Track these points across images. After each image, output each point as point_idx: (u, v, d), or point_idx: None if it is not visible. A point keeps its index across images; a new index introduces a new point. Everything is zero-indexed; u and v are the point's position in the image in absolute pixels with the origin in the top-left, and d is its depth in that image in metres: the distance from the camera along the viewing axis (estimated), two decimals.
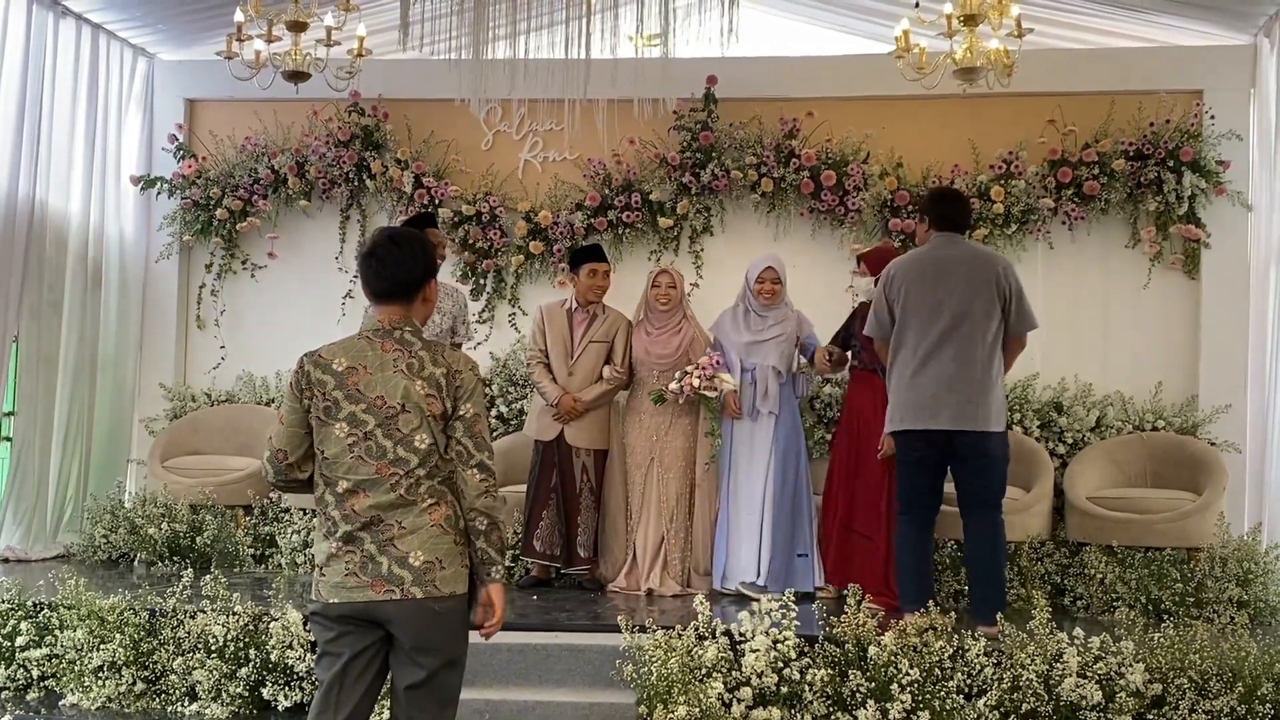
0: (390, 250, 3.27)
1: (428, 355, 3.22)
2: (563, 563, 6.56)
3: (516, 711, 4.79)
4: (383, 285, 3.27)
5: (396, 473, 3.15)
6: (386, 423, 3.15)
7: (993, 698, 4.78)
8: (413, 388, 3.17)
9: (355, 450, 3.16)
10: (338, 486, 3.17)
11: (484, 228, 7.93)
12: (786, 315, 6.52)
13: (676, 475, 6.49)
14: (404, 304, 3.28)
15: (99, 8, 7.62)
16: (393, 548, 3.13)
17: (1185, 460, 6.82)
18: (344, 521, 3.16)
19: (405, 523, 3.15)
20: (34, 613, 5.58)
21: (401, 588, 3.11)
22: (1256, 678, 4.73)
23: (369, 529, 3.14)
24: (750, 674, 4.86)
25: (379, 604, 3.12)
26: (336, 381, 3.19)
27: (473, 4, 5.81)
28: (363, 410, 3.16)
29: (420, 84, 7.82)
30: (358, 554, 3.14)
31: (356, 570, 3.13)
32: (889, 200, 7.56)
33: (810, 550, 6.34)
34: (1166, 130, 7.37)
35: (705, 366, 6.34)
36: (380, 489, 3.14)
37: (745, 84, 7.72)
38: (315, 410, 3.20)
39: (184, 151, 8.27)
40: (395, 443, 3.15)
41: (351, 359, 3.21)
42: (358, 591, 3.13)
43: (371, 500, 3.14)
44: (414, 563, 3.12)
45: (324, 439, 3.19)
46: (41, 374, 7.41)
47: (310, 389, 3.21)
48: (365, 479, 3.15)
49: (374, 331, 3.26)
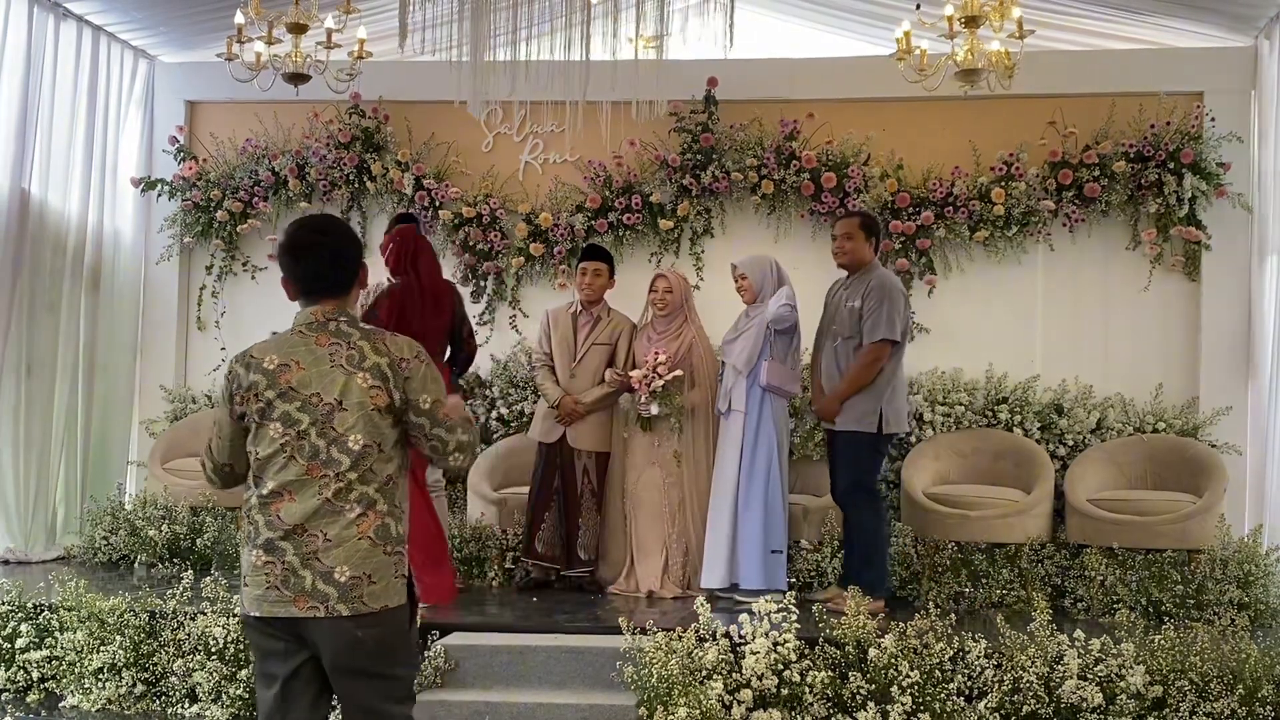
0: (324, 242, 3.09)
1: (368, 345, 3.02)
2: (563, 564, 6.56)
3: (517, 713, 4.79)
4: (313, 283, 3.07)
5: (326, 474, 2.96)
6: (321, 421, 2.97)
7: (993, 700, 4.77)
8: (353, 381, 2.98)
9: (287, 450, 2.98)
10: (264, 489, 2.99)
11: (484, 230, 7.94)
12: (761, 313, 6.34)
13: (677, 478, 6.47)
14: (339, 296, 3.09)
15: (100, 10, 7.63)
16: (317, 561, 2.93)
17: (1186, 462, 6.82)
18: (266, 528, 2.97)
19: (330, 534, 2.94)
20: (34, 614, 5.59)
21: (326, 604, 2.92)
22: (1257, 680, 4.73)
23: (291, 538, 2.95)
24: (750, 676, 4.86)
25: (303, 621, 2.93)
26: (269, 381, 3.00)
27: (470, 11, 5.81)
28: (297, 409, 2.98)
29: (421, 86, 7.82)
30: (278, 565, 2.95)
31: (278, 584, 2.94)
32: (889, 202, 7.56)
33: (784, 547, 6.23)
34: (1167, 132, 7.37)
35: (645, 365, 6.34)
36: (307, 492, 2.95)
37: (746, 86, 7.72)
38: (250, 414, 3.03)
39: (184, 153, 8.27)
40: (329, 442, 2.97)
41: (284, 355, 3.02)
42: (279, 606, 2.94)
43: (298, 505, 2.95)
44: (339, 578, 2.92)
45: (258, 441, 3.02)
46: (41, 376, 7.41)
47: (242, 392, 3.03)
48: (293, 480, 2.96)
49: (307, 325, 3.07)
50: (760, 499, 6.20)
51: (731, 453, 6.29)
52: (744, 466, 6.24)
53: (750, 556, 6.18)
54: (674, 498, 6.45)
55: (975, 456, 7.11)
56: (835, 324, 6.14)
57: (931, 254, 7.64)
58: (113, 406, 8.10)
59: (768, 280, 6.38)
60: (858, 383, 5.93)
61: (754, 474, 6.23)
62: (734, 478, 6.26)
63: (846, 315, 6.06)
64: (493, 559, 6.74)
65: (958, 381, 7.45)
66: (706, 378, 6.52)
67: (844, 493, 6.06)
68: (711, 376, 6.55)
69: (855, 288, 6.09)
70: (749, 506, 6.21)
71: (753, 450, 6.24)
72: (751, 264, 6.44)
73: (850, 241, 6.12)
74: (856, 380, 5.94)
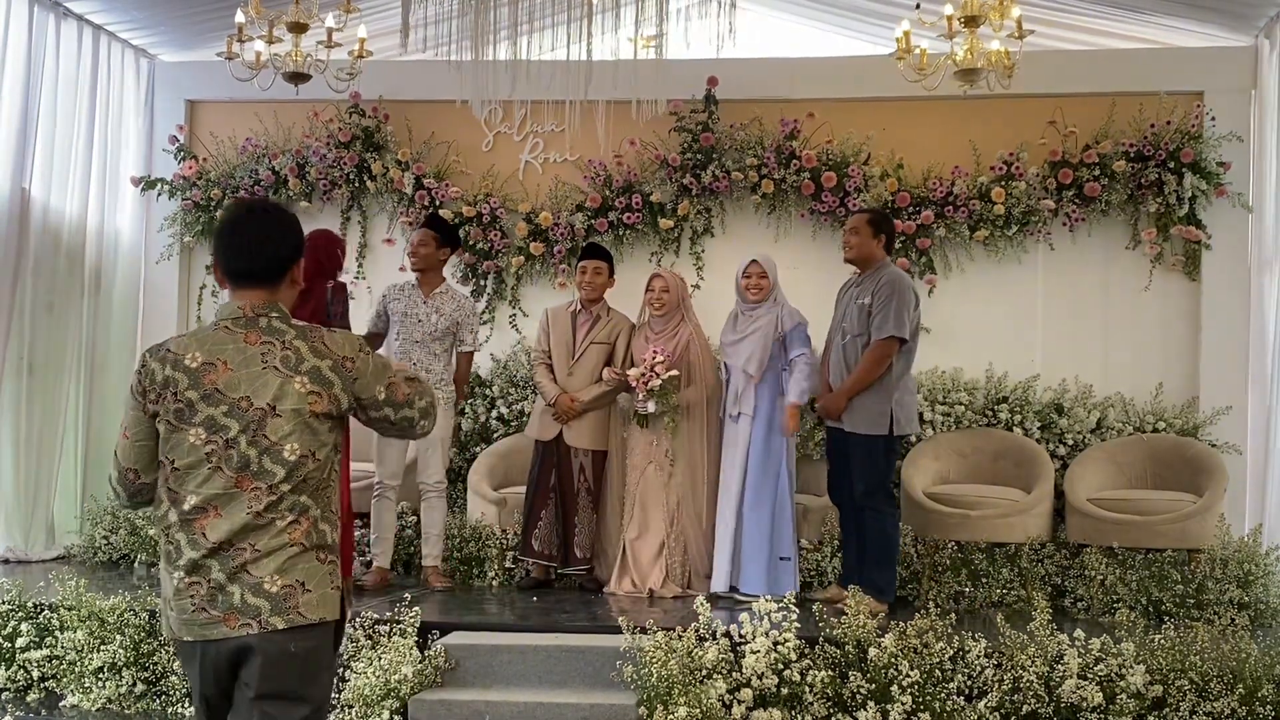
0: (250, 222, 2.85)
1: (305, 345, 2.75)
2: (560, 563, 6.56)
3: (516, 713, 4.78)
4: (242, 264, 2.80)
5: (258, 487, 2.68)
6: (252, 427, 2.68)
7: (993, 699, 4.77)
8: (290, 385, 2.71)
9: (212, 460, 2.69)
10: (184, 504, 2.70)
11: (484, 229, 7.94)
12: (770, 313, 6.34)
13: (675, 477, 6.47)
14: (269, 287, 2.80)
15: (100, 9, 7.63)
16: (245, 574, 2.67)
17: (1186, 462, 6.82)
18: (190, 547, 2.69)
19: (260, 545, 2.68)
20: (34, 614, 5.59)
21: (259, 619, 2.65)
22: (1257, 679, 4.73)
23: (217, 554, 2.68)
24: (750, 675, 4.86)
25: (234, 640, 2.67)
26: (190, 380, 2.71)
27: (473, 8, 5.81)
28: (224, 414, 2.69)
29: (421, 85, 7.83)
30: (204, 585, 2.68)
31: (204, 604, 2.68)
32: (890, 202, 7.56)
33: (793, 554, 6.22)
34: (1167, 132, 7.37)
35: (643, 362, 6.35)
36: (236, 506, 2.68)
37: (746, 85, 7.72)
38: (164, 415, 2.73)
39: (184, 153, 8.27)
40: (260, 451, 2.69)
41: (208, 353, 2.73)
42: (209, 628, 2.68)
43: (225, 520, 2.67)
44: (270, 589, 2.67)
45: (174, 447, 2.72)
46: (42, 375, 7.41)
47: (155, 389, 2.73)
48: (219, 494, 2.68)
49: (234, 320, 2.78)
50: (769, 504, 6.21)
51: (738, 457, 6.29)
52: (751, 471, 6.25)
53: (754, 561, 6.18)
54: (672, 496, 6.45)
55: (975, 456, 7.11)
56: (845, 321, 6.14)
57: (932, 253, 7.64)
58: (113, 406, 8.09)
59: (777, 280, 6.45)
60: (865, 380, 5.94)
61: (764, 478, 6.24)
62: (739, 481, 6.27)
63: (856, 312, 6.06)
64: (493, 558, 6.74)
65: (958, 381, 7.45)
66: (703, 376, 6.53)
67: (863, 496, 5.99)
68: (708, 375, 6.55)
69: (865, 285, 6.09)
70: (756, 511, 6.22)
71: (763, 454, 6.24)
72: (769, 264, 6.46)
73: (856, 236, 6.14)
74: (864, 378, 5.94)
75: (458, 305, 6.66)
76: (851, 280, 6.30)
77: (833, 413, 6.05)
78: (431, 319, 6.55)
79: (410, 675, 4.80)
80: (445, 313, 6.57)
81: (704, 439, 6.50)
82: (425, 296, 6.62)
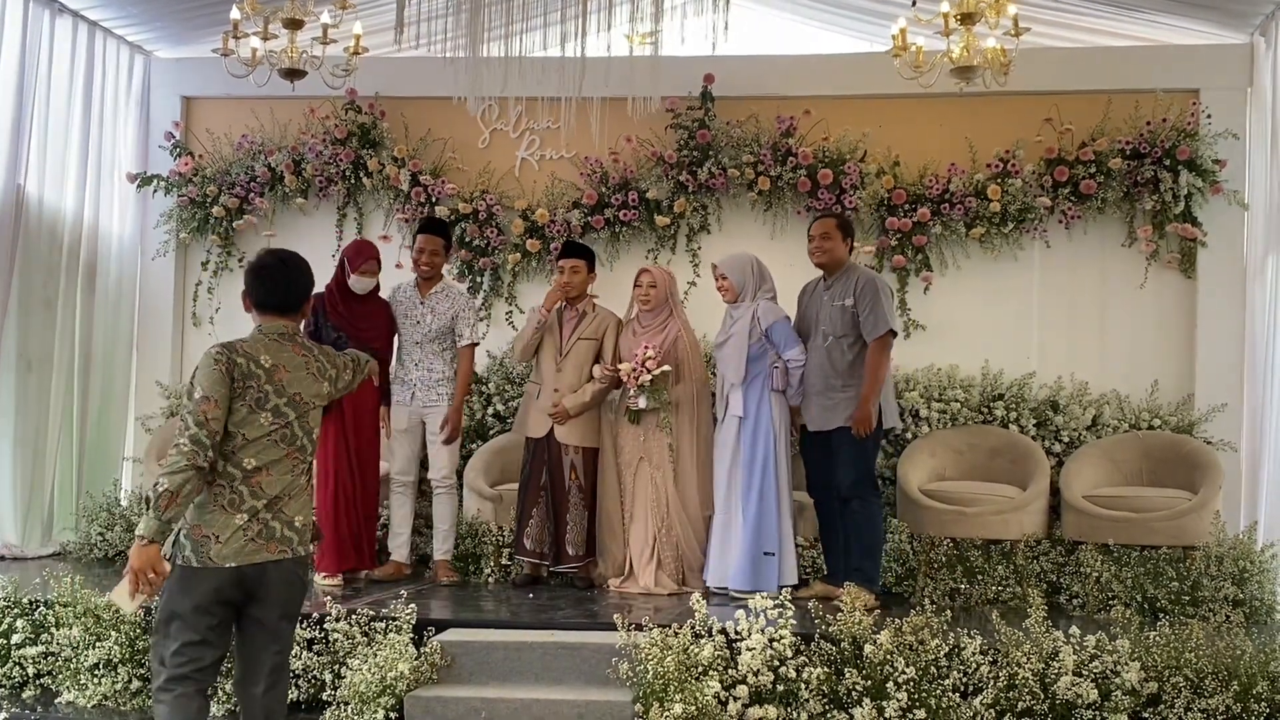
0: (282, 270, 3.80)
1: (325, 360, 3.83)
2: (552, 560, 6.56)
3: (512, 710, 4.79)
4: (278, 299, 3.77)
5: (299, 457, 3.72)
6: (301, 415, 3.71)
7: (989, 696, 4.78)
8: (322, 387, 3.78)
9: (274, 437, 3.65)
10: (245, 464, 3.61)
11: (481, 226, 7.94)
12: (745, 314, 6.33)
13: (666, 473, 6.47)
14: (295, 316, 3.82)
15: (95, 5, 7.61)
16: (283, 514, 3.67)
17: (1181, 459, 6.83)
18: (251, 497, 3.62)
19: (291, 493, 3.70)
20: (30, 610, 5.58)
21: (290, 546, 3.67)
22: (1252, 676, 4.74)
23: (271, 506, 3.64)
24: (746, 672, 4.86)
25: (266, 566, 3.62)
26: (266, 376, 3.65)
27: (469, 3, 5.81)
28: (285, 404, 3.67)
29: (417, 82, 7.82)
30: (256, 524, 3.62)
31: (255, 537, 3.61)
32: (886, 199, 7.56)
33: (778, 549, 6.19)
34: (1163, 129, 7.37)
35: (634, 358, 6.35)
36: (283, 468, 3.67)
37: (742, 82, 7.72)
38: (247, 399, 3.61)
39: (180, 149, 8.26)
40: (304, 433, 3.74)
41: (274, 358, 3.69)
42: (255, 554, 3.61)
43: (276, 479, 3.65)
44: (298, 524, 3.70)
45: (246, 424, 3.61)
46: (36, 371, 7.40)
47: (243, 379, 3.61)
48: (275, 460, 3.65)
49: (280, 335, 3.75)
50: (755, 502, 6.20)
51: (726, 456, 6.30)
52: (741, 469, 6.25)
53: (740, 558, 6.19)
54: (661, 493, 6.45)
55: (971, 453, 7.12)
56: (824, 324, 6.23)
57: (928, 251, 7.65)
58: (108, 402, 8.09)
59: (748, 280, 6.39)
60: (880, 379, 6.09)
61: (750, 477, 6.23)
62: (725, 481, 6.29)
63: (838, 314, 6.17)
64: (489, 555, 6.74)
65: (954, 378, 7.46)
66: (692, 372, 6.52)
67: (851, 488, 6.12)
68: (698, 370, 6.54)
69: (841, 287, 6.22)
70: (742, 510, 6.23)
71: (750, 453, 6.24)
72: (731, 264, 6.45)
73: (829, 241, 6.28)
74: (879, 377, 6.08)
75: (453, 302, 6.69)
76: (816, 285, 6.41)
77: (867, 423, 6.07)
78: (427, 319, 6.63)
79: (406, 672, 4.81)
80: (440, 312, 6.61)
81: (694, 435, 6.49)
82: (423, 297, 6.68)
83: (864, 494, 6.13)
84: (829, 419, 6.16)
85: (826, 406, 6.18)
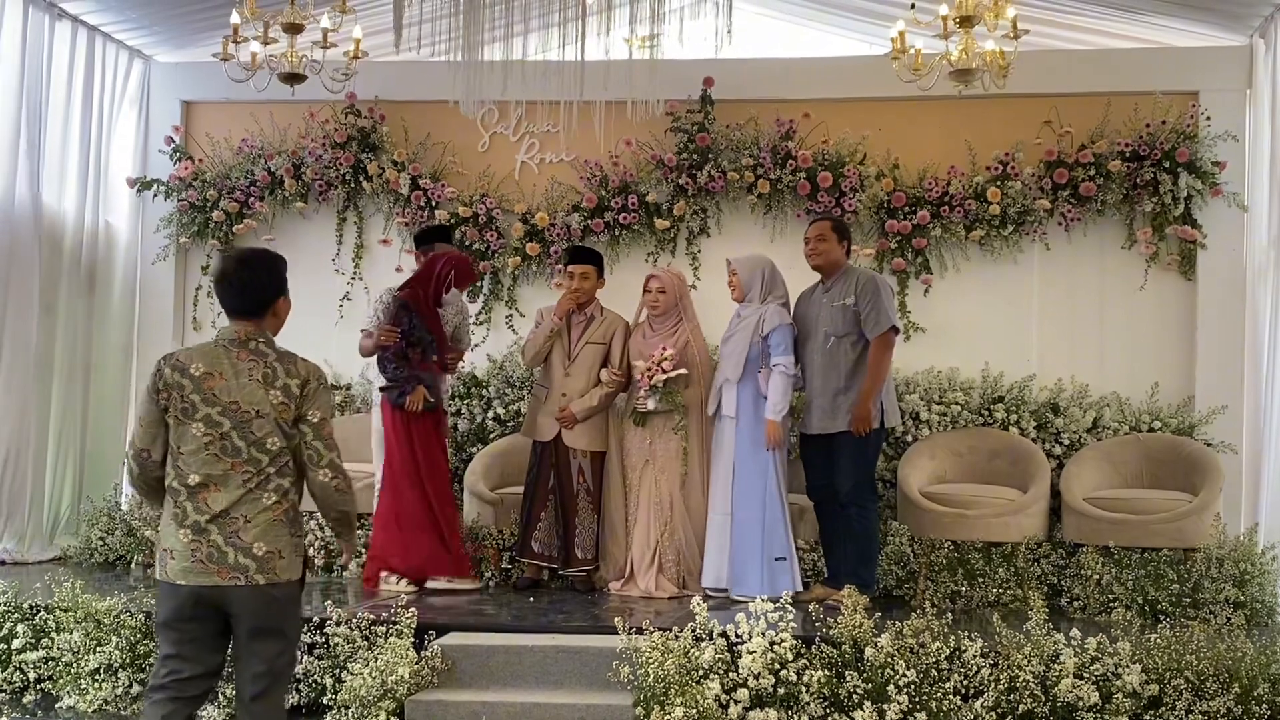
0: (240, 272, 3.62)
1: (281, 366, 3.56)
2: (560, 564, 6.56)
3: (513, 713, 4.79)
4: (234, 303, 3.61)
5: (249, 470, 3.50)
6: (241, 426, 3.50)
7: (990, 699, 4.78)
8: (267, 396, 3.51)
9: (210, 448, 3.48)
10: (189, 480, 3.49)
11: (481, 229, 7.94)
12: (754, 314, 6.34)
13: (670, 477, 6.46)
14: (256, 319, 3.61)
15: (95, 10, 7.62)
16: (237, 539, 3.48)
17: (1181, 461, 6.83)
18: (195, 513, 3.49)
19: (250, 517, 3.50)
20: (30, 615, 5.58)
21: (246, 575, 3.48)
22: (1253, 678, 4.73)
23: (216, 522, 3.48)
24: (747, 675, 4.85)
25: (224, 589, 3.47)
26: (194, 385, 3.51)
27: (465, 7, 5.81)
28: (218, 413, 3.50)
29: (416, 86, 7.83)
30: (204, 544, 3.47)
31: (204, 559, 3.47)
32: (885, 202, 7.57)
33: (789, 554, 6.19)
34: (1162, 131, 7.37)
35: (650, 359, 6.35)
36: (231, 483, 3.49)
37: (742, 85, 7.73)
38: (173, 410, 3.51)
39: (180, 153, 8.27)
40: (249, 444, 3.50)
41: (208, 365, 3.53)
42: (204, 577, 3.47)
43: (223, 494, 3.48)
44: (257, 553, 3.48)
45: (181, 437, 3.50)
46: (37, 376, 7.40)
47: (167, 390, 3.52)
48: (216, 474, 3.49)
49: (230, 341, 3.58)
50: (758, 508, 6.19)
51: (724, 458, 6.30)
52: (739, 473, 6.24)
53: (748, 565, 6.18)
54: (665, 496, 6.45)
55: (971, 456, 7.11)
56: (825, 325, 6.25)
57: (927, 253, 7.65)
58: (109, 407, 8.09)
59: (756, 281, 6.40)
60: (882, 377, 6.12)
61: (752, 480, 6.22)
62: (727, 483, 6.27)
63: (839, 314, 6.19)
64: (490, 559, 6.74)
65: (954, 381, 7.46)
66: (702, 377, 6.52)
67: (851, 492, 6.13)
68: (707, 375, 6.55)
69: (840, 288, 6.25)
70: (745, 513, 6.21)
71: (750, 456, 6.23)
72: (744, 262, 6.47)
73: (824, 243, 6.31)
74: (880, 375, 6.11)
75: (457, 310, 6.74)
76: (814, 289, 6.42)
77: (867, 421, 6.08)
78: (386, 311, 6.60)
79: (407, 676, 4.80)
80: (446, 319, 6.64)
81: (700, 439, 6.49)
82: None
83: (862, 500, 6.14)
84: (831, 423, 6.16)
85: (828, 410, 6.18)
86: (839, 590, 5.94)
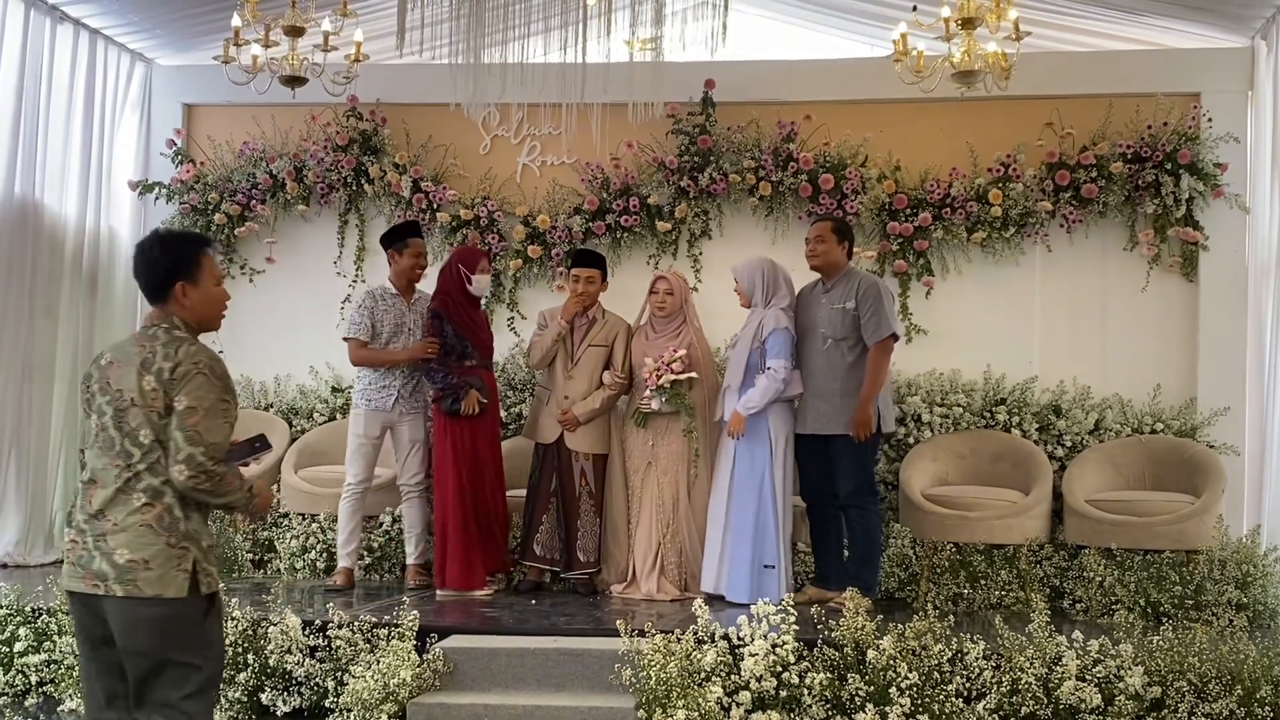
0: (135, 255, 3.36)
1: (163, 350, 3.20)
2: (563, 567, 6.56)
3: (515, 716, 4.79)
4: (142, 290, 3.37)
5: (120, 465, 3.17)
6: (118, 415, 3.19)
7: (992, 701, 4.78)
8: (141, 383, 3.17)
9: (99, 440, 3.23)
10: (83, 475, 3.26)
11: (482, 232, 7.94)
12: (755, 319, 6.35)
13: (672, 479, 6.47)
14: (160, 304, 3.32)
15: (97, 13, 7.62)
16: (104, 543, 3.15)
17: (1184, 463, 6.82)
18: (80, 510, 3.24)
19: (117, 519, 3.15)
20: (33, 618, 5.59)
21: (104, 584, 3.13)
22: (1256, 680, 4.74)
23: (93, 521, 3.18)
24: (749, 678, 4.86)
25: (96, 599, 3.15)
26: (99, 375, 3.27)
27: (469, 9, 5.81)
28: (106, 402, 3.22)
29: (418, 88, 7.83)
30: (80, 545, 3.20)
31: (76, 561, 3.19)
32: (887, 204, 7.56)
33: (778, 562, 6.16)
34: (1164, 133, 7.37)
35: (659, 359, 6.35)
36: (108, 479, 3.18)
37: (743, 88, 7.73)
38: (81, 403, 3.34)
39: (182, 156, 8.27)
40: (123, 435, 3.18)
41: (114, 354, 3.28)
42: (75, 582, 3.20)
43: (101, 491, 3.18)
44: (118, 560, 3.12)
45: (86, 429, 3.29)
46: (38, 379, 7.41)
47: (85, 383, 3.32)
48: (100, 469, 3.20)
49: (141, 329, 3.34)
50: (751, 515, 6.18)
51: (724, 463, 6.30)
52: (736, 479, 6.24)
53: (738, 571, 6.18)
54: (668, 498, 6.45)
55: (973, 458, 7.11)
56: (824, 327, 6.24)
57: (929, 255, 7.65)
58: None
59: (757, 283, 6.39)
60: (880, 383, 6.11)
61: (747, 487, 6.21)
62: (725, 489, 6.28)
63: (839, 317, 6.18)
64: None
65: (956, 383, 7.45)
66: (705, 379, 6.52)
67: (850, 495, 6.13)
68: (709, 378, 6.55)
69: (840, 291, 6.24)
70: (738, 521, 6.21)
71: (748, 464, 6.23)
72: (742, 269, 6.47)
73: (822, 244, 6.30)
74: (879, 380, 6.10)
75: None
76: (815, 288, 6.40)
77: (866, 425, 6.07)
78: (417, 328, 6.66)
79: (409, 679, 4.80)
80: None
81: (704, 442, 6.49)
82: (409, 305, 6.70)
83: (863, 502, 6.14)
84: (827, 424, 6.15)
85: (825, 411, 6.18)
86: (829, 590, 5.97)
